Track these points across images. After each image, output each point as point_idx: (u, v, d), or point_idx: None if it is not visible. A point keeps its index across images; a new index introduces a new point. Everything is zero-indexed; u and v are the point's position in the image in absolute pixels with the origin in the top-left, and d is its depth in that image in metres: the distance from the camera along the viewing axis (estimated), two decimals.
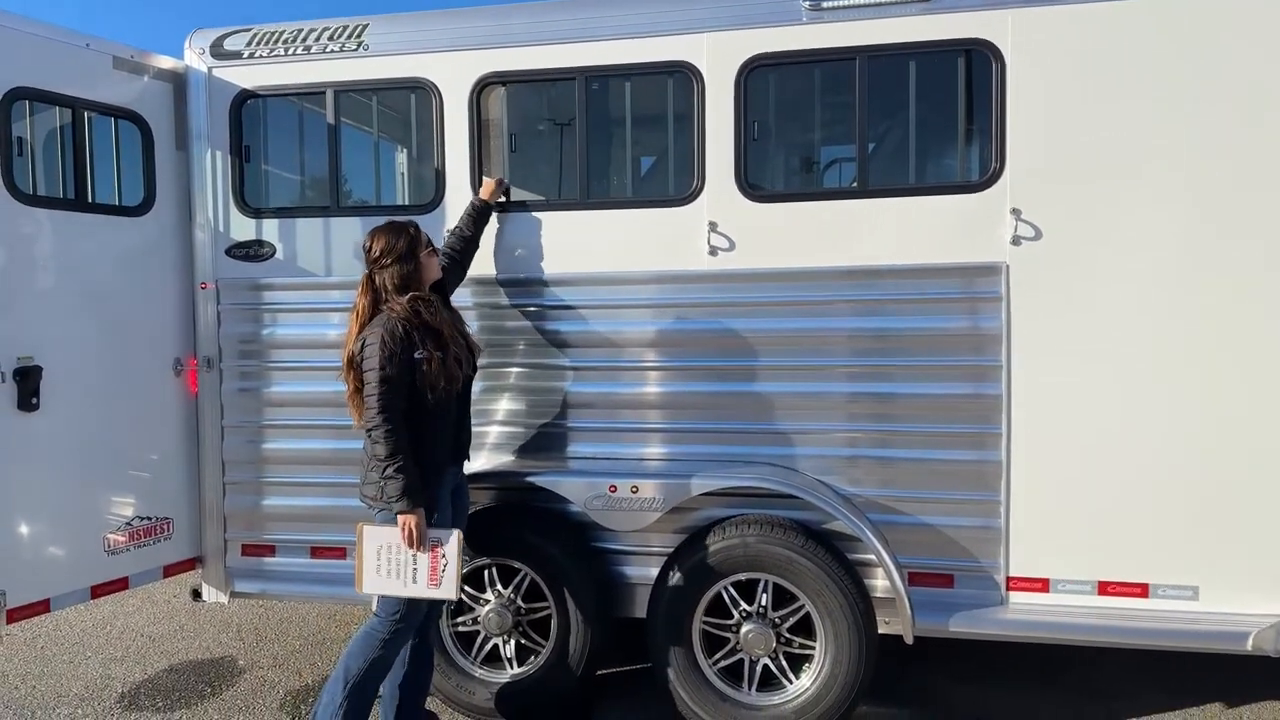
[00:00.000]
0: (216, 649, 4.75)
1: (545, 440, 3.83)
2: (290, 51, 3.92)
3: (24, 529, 3.55)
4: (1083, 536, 3.42)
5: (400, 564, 3.18)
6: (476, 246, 3.73)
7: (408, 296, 3.19)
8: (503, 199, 3.77)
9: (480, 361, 3.48)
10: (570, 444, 3.81)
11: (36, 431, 3.53)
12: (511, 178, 3.87)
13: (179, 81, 4.04)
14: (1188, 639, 3.34)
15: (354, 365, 3.19)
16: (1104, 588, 3.43)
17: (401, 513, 3.12)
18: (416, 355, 3.13)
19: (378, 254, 3.23)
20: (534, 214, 3.79)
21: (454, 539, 3.17)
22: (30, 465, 3.54)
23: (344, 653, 3.31)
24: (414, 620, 3.31)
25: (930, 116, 3.71)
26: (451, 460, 3.35)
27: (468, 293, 3.79)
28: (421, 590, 3.19)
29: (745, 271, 3.61)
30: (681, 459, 3.70)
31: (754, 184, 3.62)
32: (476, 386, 3.65)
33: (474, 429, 3.84)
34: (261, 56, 3.95)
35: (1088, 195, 3.34)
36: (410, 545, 3.14)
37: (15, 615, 3.51)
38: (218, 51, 3.98)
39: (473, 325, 3.81)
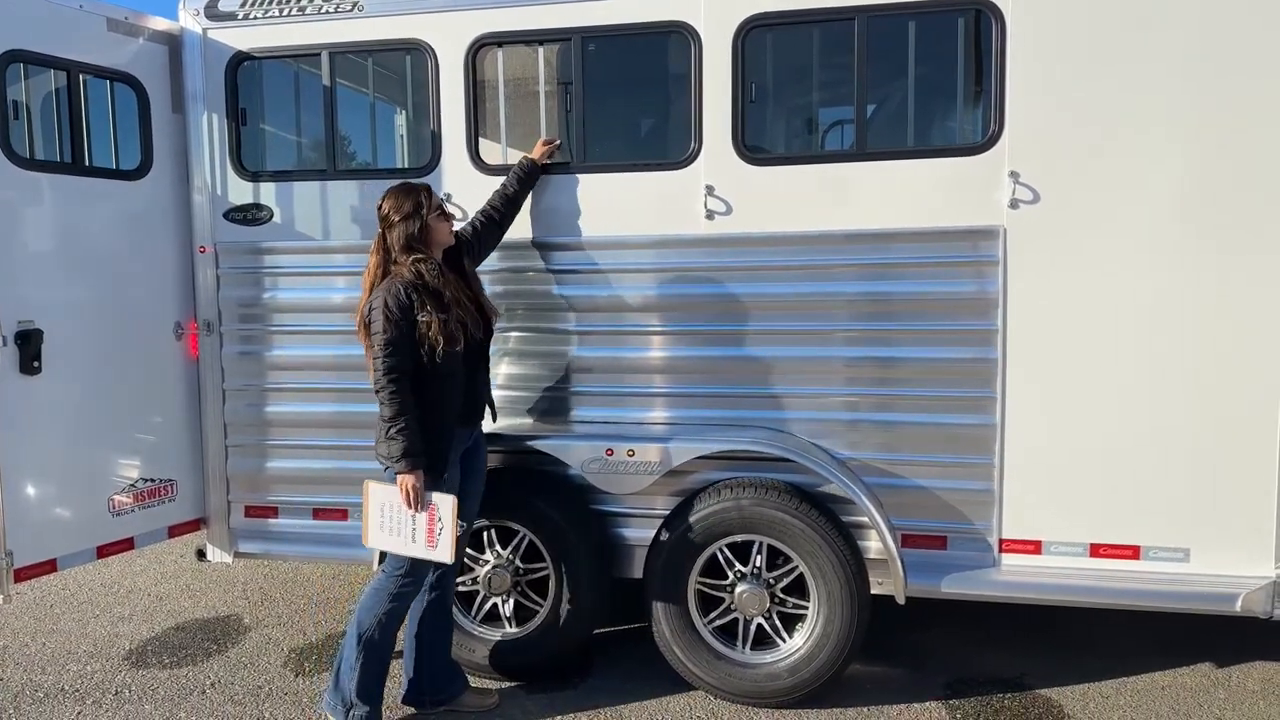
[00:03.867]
0: (222, 608, 4.83)
1: (543, 404, 3.86)
2: (285, 12, 3.89)
3: (30, 490, 3.60)
4: (1075, 499, 3.45)
5: (400, 523, 3.23)
6: (519, 208, 3.71)
7: (411, 258, 3.21)
8: (550, 161, 3.73)
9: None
10: (567, 408, 3.83)
11: (39, 394, 3.56)
12: (507, 140, 3.86)
13: (174, 43, 4.01)
14: (1178, 600, 3.38)
15: (365, 326, 3.24)
16: (1096, 550, 3.46)
17: (400, 473, 3.16)
18: (419, 318, 3.16)
19: (386, 212, 3.27)
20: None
21: (448, 504, 3.20)
22: (34, 428, 3.57)
23: (356, 608, 3.38)
24: (421, 575, 3.38)
25: (929, 78, 3.67)
26: (461, 423, 3.36)
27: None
28: (420, 551, 3.24)
29: (742, 236, 3.60)
30: (678, 423, 3.73)
31: (751, 147, 3.59)
32: None
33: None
34: (256, 17, 3.92)
35: (1086, 158, 3.32)
36: (408, 505, 3.18)
37: (23, 575, 3.57)
38: (212, 12, 3.95)
39: None
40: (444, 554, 3.22)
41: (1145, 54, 3.25)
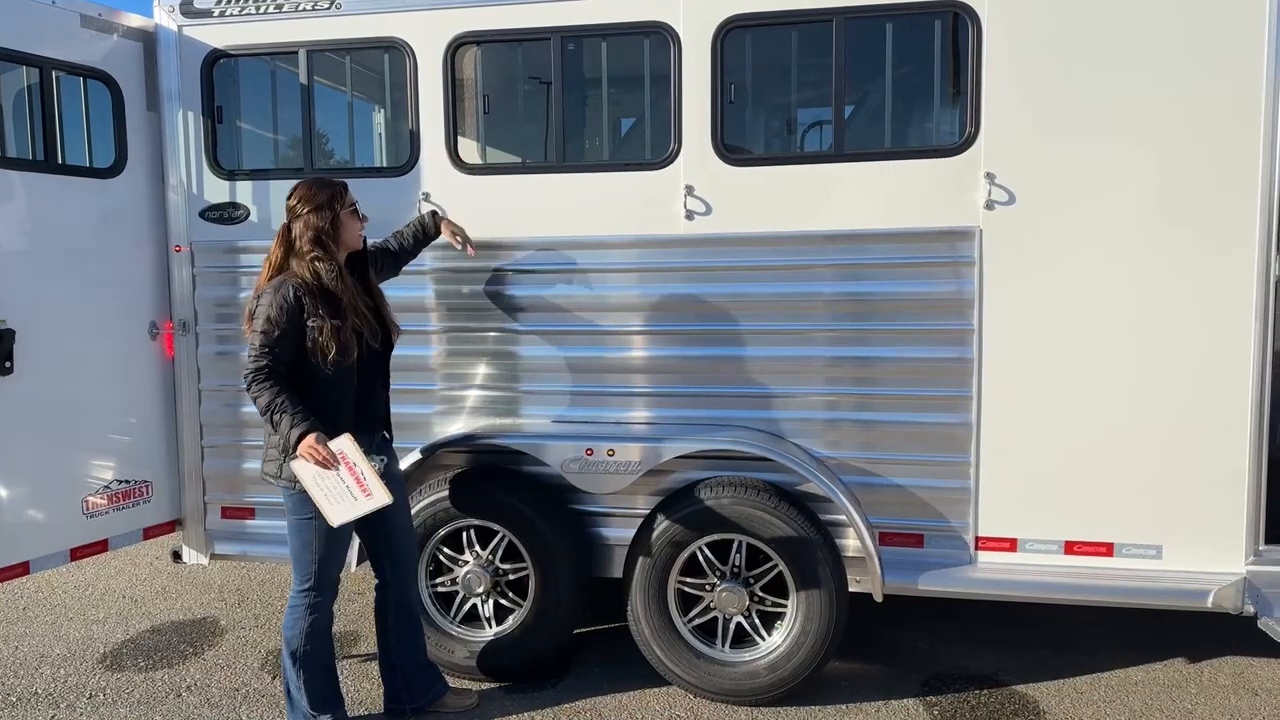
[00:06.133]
0: (198, 610, 4.79)
1: (522, 404, 3.85)
2: (261, 9, 3.86)
3: (1, 492, 3.55)
4: (1050, 497, 3.49)
5: (336, 488, 3.06)
6: (411, 259, 3.66)
7: (311, 256, 3.09)
8: (454, 245, 3.68)
9: (455, 324, 3.45)
10: (547, 407, 3.83)
11: (11, 395, 3.51)
12: (486, 139, 3.85)
13: (149, 40, 3.97)
14: (1151, 597, 3.42)
15: (250, 319, 3.11)
16: (1070, 547, 3.50)
17: (298, 443, 3.00)
18: (310, 323, 3.05)
19: (294, 203, 3.15)
20: (509, 177, 3.77)
21: (346, 443, 3.04)
22: (6, 428, 3.53)
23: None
24: (327, 583, 3.27)
25: (907, 79, 3.70)
26: (356, 433, 3.16)
27: (444, 254, 3.78)
28: (365, 505, 3.06)
29: (721, 236, 3.61)
30: (658, 422, 3.74)
31: (731, 147, 3.61)
32: (452, 349, 3.64)
33: (451, 392, 3.88)
34: (232, 15, 3.89)
35: (1061, 159, 3.35)
36: (324, 466, 3.02)
37: None
38: (187, 9, 3.92)
39: (449, 288, 3.81)
40: (380, 495, 3.05)
41: (1121, 57, 3.28)
